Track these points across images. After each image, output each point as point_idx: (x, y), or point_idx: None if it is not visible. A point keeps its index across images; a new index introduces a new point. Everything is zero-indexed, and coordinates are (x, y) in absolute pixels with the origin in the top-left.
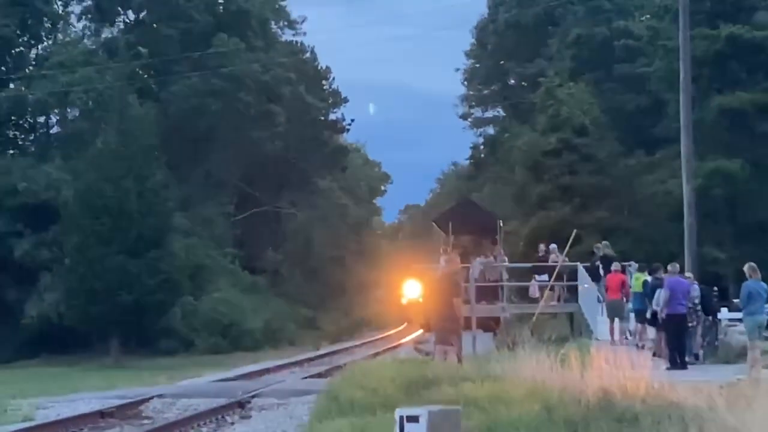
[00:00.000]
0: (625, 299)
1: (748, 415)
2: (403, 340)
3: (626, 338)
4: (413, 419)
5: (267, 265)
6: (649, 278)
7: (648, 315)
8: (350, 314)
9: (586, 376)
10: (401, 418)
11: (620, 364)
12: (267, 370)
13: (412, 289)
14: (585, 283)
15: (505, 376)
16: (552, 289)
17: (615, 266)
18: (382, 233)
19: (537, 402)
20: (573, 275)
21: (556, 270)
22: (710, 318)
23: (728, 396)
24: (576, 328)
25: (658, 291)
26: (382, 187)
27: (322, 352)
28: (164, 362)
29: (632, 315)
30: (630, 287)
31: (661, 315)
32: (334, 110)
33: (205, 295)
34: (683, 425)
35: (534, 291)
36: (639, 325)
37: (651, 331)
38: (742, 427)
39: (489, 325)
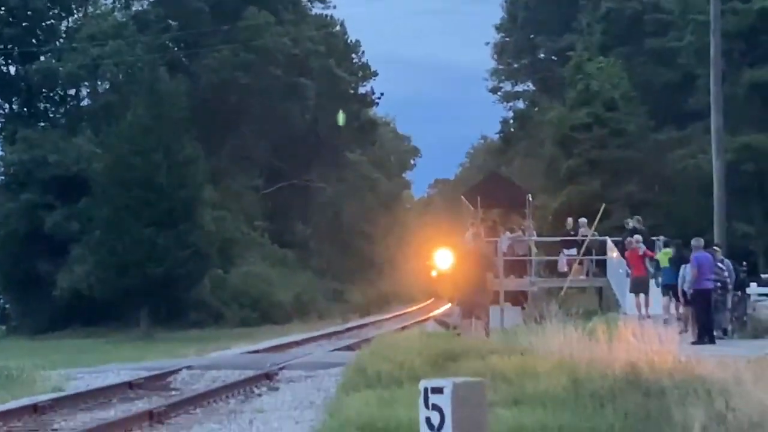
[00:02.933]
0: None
1: None
2: (431, 314)
3: (648, 315)
4: (438, 390)
5: (296, 238)
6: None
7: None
8: (379, 288)
9: (613, 349)
10: (426, 389)
11: (647, 338)
12: (295, 343)
13: (442, 260)
14: (613, 258)
15: (533, 349)
16: (580, 263)
17: (628, 243)
18: (412, 207)
19: (564, 375)
20: (602, 250)
21: (585, 244)
22: (739, 293)
23: (755, 370)
24: (604, 302)
25: (683, 267)
26: (412, 161)
27: (350, 325)
28: (194, 334)
29: (659, 290)
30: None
31: (689, 291)
32: (364, 84)
33: (234, 268)
34: (709, 399)
35: (562, 265)
36: (666, 299)
37: (679, 307)
38: (766, 399)
39: (517, 299)
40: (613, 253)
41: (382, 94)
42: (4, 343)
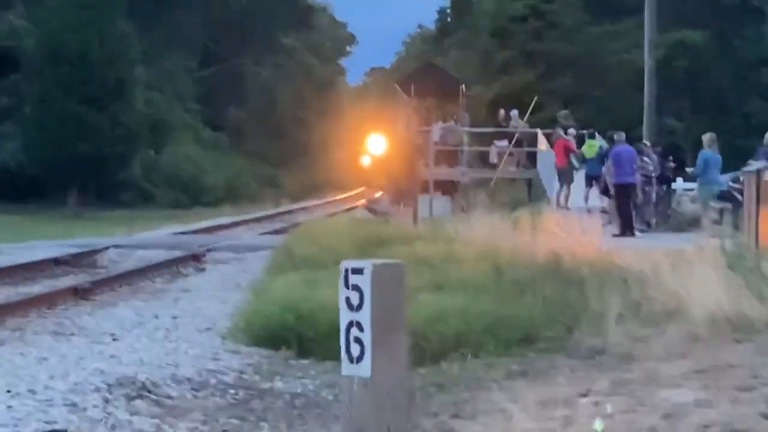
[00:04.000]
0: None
1: (689, 279)
2: (362, 202)
3: (567, 206)
4: (358, 271)
5: (229, 122)
6: (603, 145)
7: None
8: (312, 174)
9: (536, 240)
10: (346, 270)
11: (570, 229)
12: (224, 226)
13: (374, 148)
14: (543, 150)
15: (458, 238)
16: (511, 154)
17: (554, 134)
18: (347, 95)
19: (487, 263)
20: (533, 142)
21: (516, 136)
22: (664, 187)
23: (673, 261)
24: (534, 194)
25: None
26: (348, 48)
27: (281, 210)
28: (123, 214)
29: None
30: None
31: (609, 183)
32: None
33: (165, 150)
34: (626, 288)
35: (493, 156)
36: (587, 190)
37: (605, 200)
38: (681, 289)
39: (447, 188)
40: (542, 146)
41: None
42: None
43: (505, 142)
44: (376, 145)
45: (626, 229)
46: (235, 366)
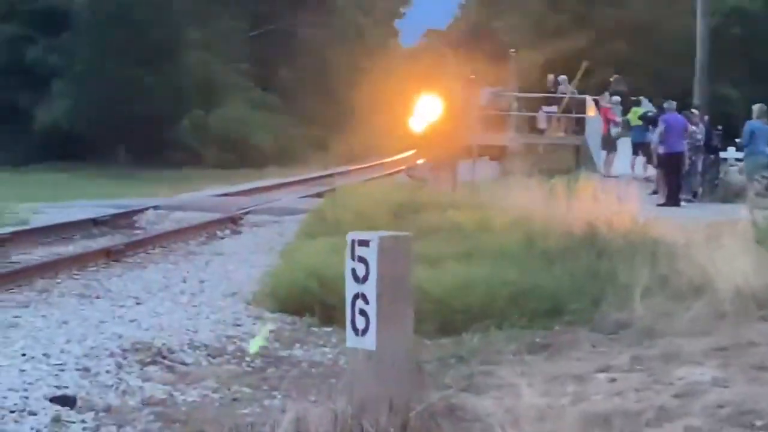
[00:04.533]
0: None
1: (717, 253)
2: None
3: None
4: (364, 243)
5: (280, 84)
6: (651, 111)
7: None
8: (362, 137)
9: (573, 208)
10: (353, 242)
11: (610, 198)
12: (267, 188)
13: (421, 110)
14: (592, 116)
15: (496, 204)
16: (559, 120)
17: (601, 99)
18: (401, 57)
19: (520, 232)
20: (582, 108)
21: (564, 102)
22: (711, 156)
23: (710, 233)
24: (581, 161)
25: (653, 128)
26: (402, 10)
27: (327, 172)
28: (171, 174)
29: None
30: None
31: (658, 152)
32: None
33: (215, 110)
34: (655, 260)
35: (541, 122)
36: (633, 158)
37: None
38: (708, 263)
39: (495, 154)
40: (591, 112)
41: None
42: None
43: (553, 108)
44: (422, 109)
45: (672, 199)
46: (255, 332)
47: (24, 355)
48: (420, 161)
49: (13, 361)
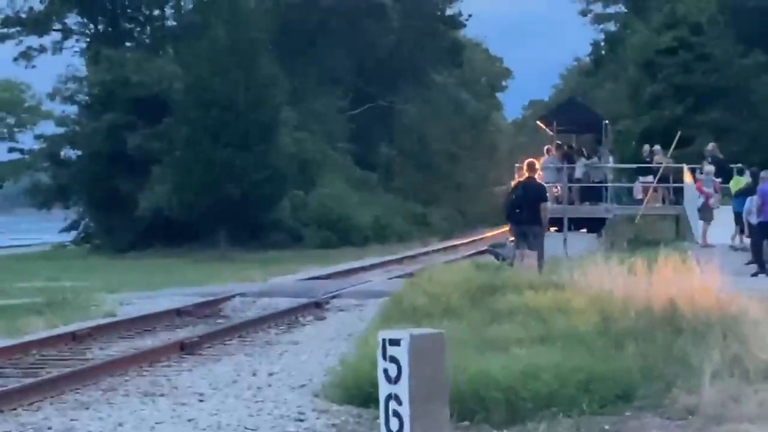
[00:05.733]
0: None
1: None
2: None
3: (706, 243)
4: (395, 342)
5: (379, 160)
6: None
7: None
8: (464, 211)
9: (655, 283)
10: (383, 340)
11: (695, 270)
12: (362, 268)
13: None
14: (690, 186)
15: (578, 282)
16: (655, 190)
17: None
18: (504, 129)
19: (596, 312)
20: (679, 177)
21: (660, 171)
22: None
23: None
24: (681, 231)
25: (749, 198)
26: (504, 83)
27: (425, 249)
28: (272, 256)
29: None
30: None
31: (751, 221)
32: (451, 5)
33: (315, 190)
34: (727, 338)
35: (638, 192)
36: (737, 227)
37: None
38: None
39: (593, 225)
40: (689, 181)
41: (470, 15)
42: (87, 262)
43: (650, 177)
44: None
45: (764, 269)
46: (317, 427)
47: None
48: (509, 239)
49: None
